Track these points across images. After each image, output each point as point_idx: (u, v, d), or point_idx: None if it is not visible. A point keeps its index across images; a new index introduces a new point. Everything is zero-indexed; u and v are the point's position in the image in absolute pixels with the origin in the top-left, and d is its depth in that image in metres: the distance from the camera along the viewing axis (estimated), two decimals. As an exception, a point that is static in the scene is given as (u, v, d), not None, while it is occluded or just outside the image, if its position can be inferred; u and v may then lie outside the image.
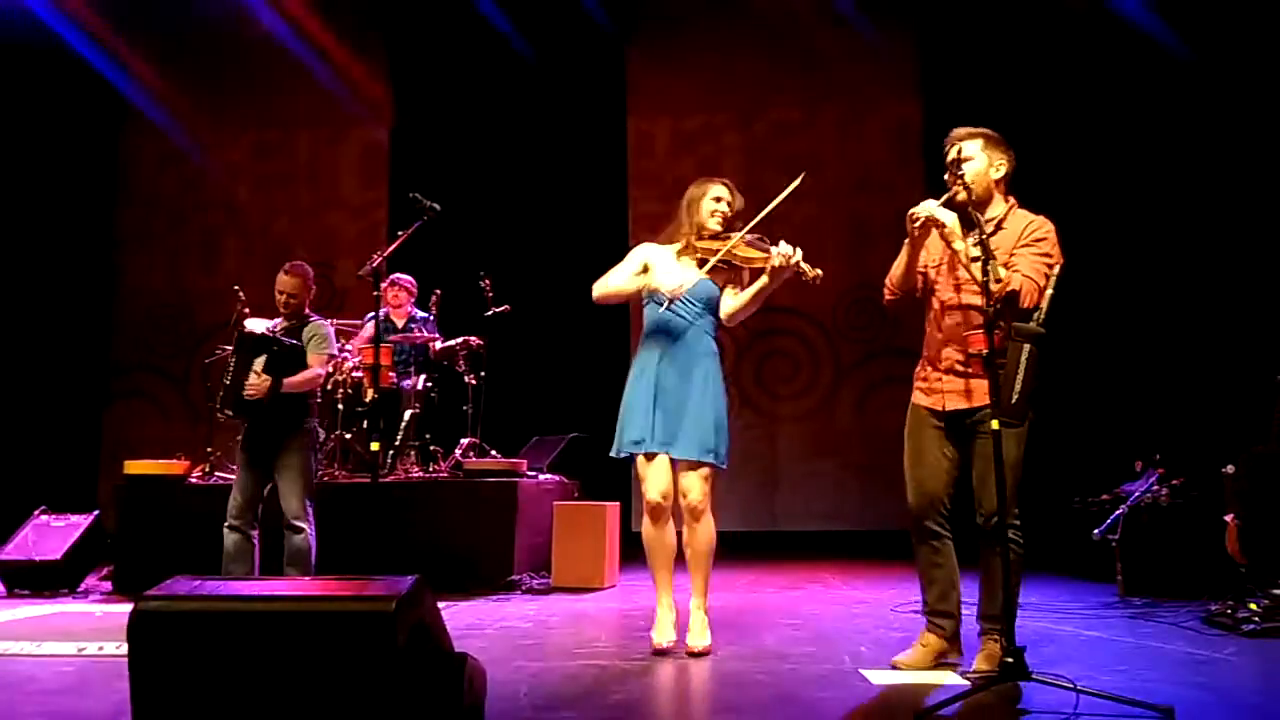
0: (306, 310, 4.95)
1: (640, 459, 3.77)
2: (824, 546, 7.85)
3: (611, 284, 3.88)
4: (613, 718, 2.88)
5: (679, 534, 3.86)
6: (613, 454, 3.86)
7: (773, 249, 3.66)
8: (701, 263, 3.76)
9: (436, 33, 8.80)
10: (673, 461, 3.75)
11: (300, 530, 4.72)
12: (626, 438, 3.78)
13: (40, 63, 8.62)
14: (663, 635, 3.75)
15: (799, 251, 3.61)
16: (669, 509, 3.79)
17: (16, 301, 8.67)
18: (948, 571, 3.42)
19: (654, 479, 3.74)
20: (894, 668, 3.38)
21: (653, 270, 3.83)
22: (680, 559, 3.87)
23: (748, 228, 3.77)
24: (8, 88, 8.58)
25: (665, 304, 3.72)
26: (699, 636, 3.72)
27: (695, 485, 3.71)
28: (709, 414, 3.72)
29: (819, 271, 3.63)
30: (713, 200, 3.85)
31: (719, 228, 3.82)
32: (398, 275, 6.64)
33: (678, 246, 3.85)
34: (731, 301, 3.84)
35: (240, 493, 4.74)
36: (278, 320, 4.95)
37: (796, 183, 3.65)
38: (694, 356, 3.77)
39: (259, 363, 4.70)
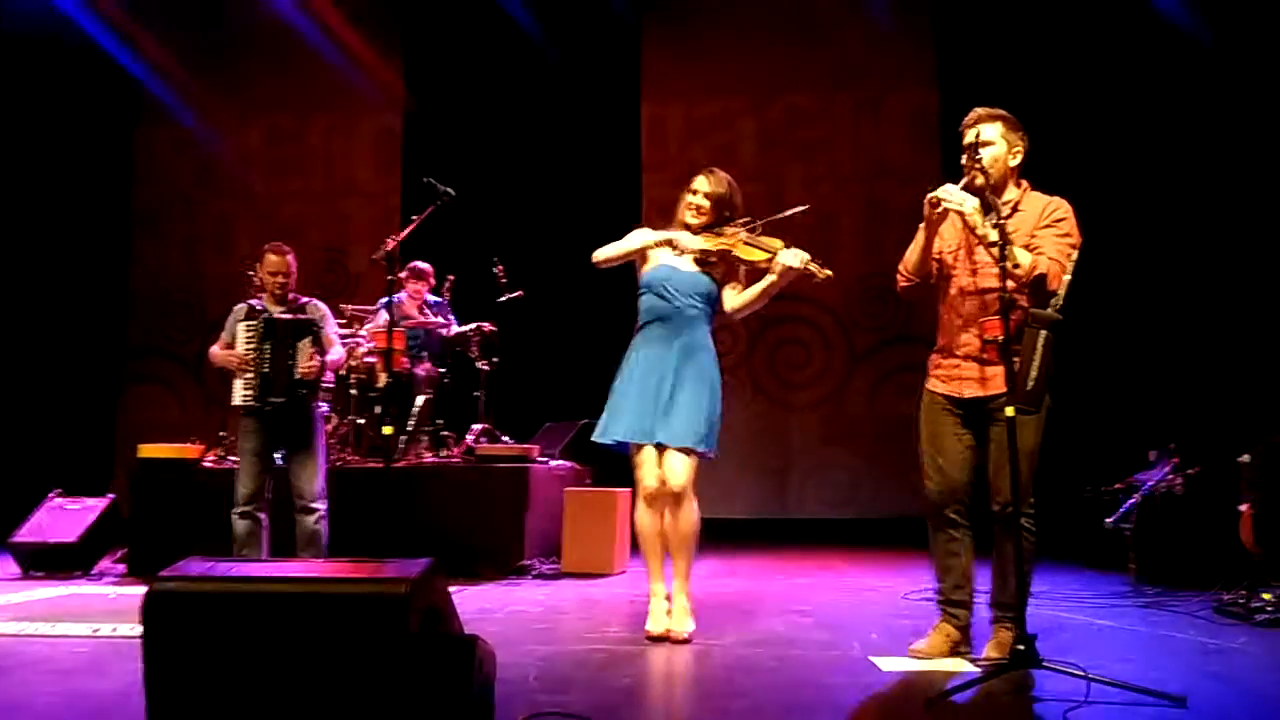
0: (292, 292, 4.94)
1: (634, 446, 3.77)
2: (835, 534, 7.84)
3: (616, 247, 3.86)
4: (621, 701, 2.88)
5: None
6: (595, 438, 3.83)
7: (781, 251, 3.66)
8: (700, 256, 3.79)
9: (451, 18, 8.78)
10: (660, 447, 3.73)
11: (315, 511, 4.73)
12: (615, 427, 3.77)
13: (57, 50, 8.63)
14: (656, 623, 3.74)
15: (804, 255, 3.64)
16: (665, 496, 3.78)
17: (34, 287, 8.73)
18: (964, 562, 3.39)
19: (649, 466, 3.74)
20: (911, 655, 3.36)
21: (651, 253, 3.86)
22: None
23: (743, 230, 3.77)
24: (27, 75, 8.62)
25: (678, 252, 3.77)
26: (681, 622, 3.71)
27: (678, 470, 3.69)
28: (701, 405, 3.71)
29: (829, 272, 3.67)
30: (689, 192, 3.88)
31: (693, 220, 3.83)
32: (415, 263, 6.62)
33: (668, 235, 3.86)
34: (737, 298, 3.87)
35: (251, 480, 4.73)
36: (257, 301, 4.91)
37: (798, 210, 3.75)
38: (690, 347, 3.77)
39: (305, 344, 4.73)
